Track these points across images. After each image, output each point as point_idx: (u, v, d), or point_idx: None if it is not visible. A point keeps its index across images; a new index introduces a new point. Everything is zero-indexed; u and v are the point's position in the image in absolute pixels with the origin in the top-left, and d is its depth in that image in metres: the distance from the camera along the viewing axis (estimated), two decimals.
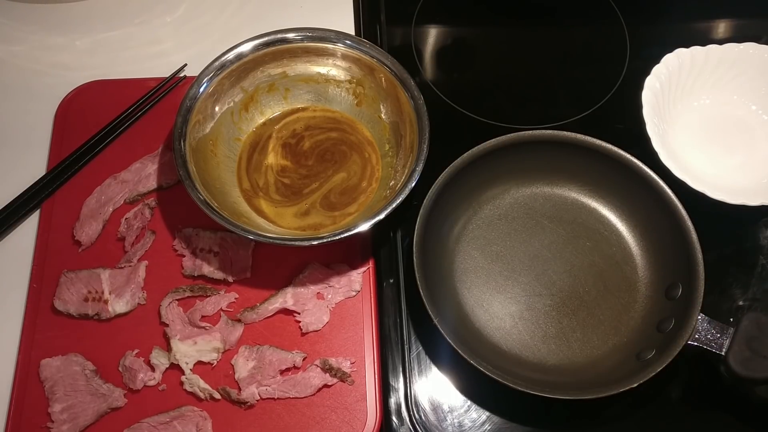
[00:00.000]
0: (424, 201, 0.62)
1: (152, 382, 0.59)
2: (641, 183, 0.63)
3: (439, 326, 0.57)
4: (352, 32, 0.77)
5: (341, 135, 0.70)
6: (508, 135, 0.65)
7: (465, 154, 0.63)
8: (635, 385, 0.55)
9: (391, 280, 0.65)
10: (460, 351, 0.56)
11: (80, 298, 0.62)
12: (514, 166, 0.67)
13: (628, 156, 0.64)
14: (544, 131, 0.66)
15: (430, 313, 0.57)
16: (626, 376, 0.56)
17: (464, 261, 0.65)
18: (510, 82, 0.78)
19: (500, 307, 0.63)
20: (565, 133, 0.65)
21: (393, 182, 0.65)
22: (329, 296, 0.63)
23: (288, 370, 0.60)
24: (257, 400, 0.59)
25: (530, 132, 0.65)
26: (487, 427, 0.59)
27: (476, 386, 0.61)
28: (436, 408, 0.60)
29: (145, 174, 0.68)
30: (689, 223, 0.61)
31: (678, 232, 0.61)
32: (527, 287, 0.64)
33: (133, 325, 0.62)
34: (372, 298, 0.63)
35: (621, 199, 0.66)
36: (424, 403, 0.60)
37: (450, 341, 0.56)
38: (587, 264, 0.65)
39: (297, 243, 0.60)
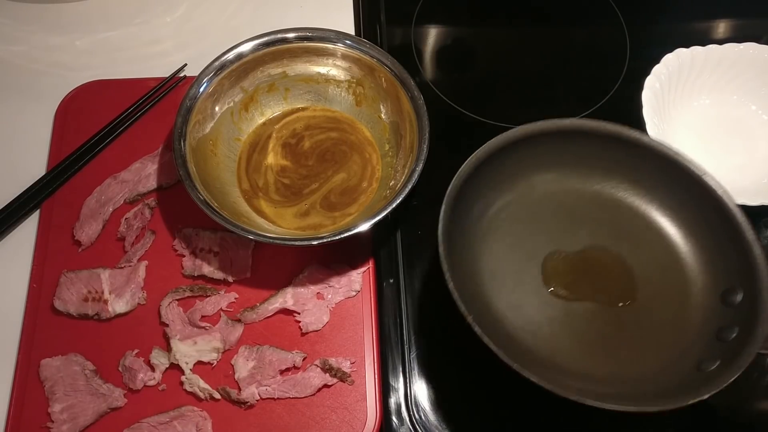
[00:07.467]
0: (449, 189, 0.56)
1: (152, 382, 0.59)
2: (687, 180, 0.58)
3: (473, 326, 0.50)
4: (352, 32, 0.77)
5: (341, 135, 0.70)
6: (541, 122, 0.59)
7: (491, 142, 0.58)
8: (705, 396, 0.49)
9: (391, 280, 0.65)
10: (500, 355, 0.49)
11: (80, 298, 0.62)
12: (546, 158, 0.61)
13: (671, 151, 0.58)
14: (583, 120, 0.60)
15: (463, 311, 0.50)
16: (689, 389, 0.50)
17: (492, 261, 0.59)
18: (510, 82, 0.78)
19: (535, 311, 0.58)
20: (604, 124, 0.59)
21: (393, 182, 0.65)
22: (329, 296, 0.63)
23: (288, 370, 0.60)
24: (257, 400, 0.59)
25: (567, 120, 0.59)
26: (487, 427, 0.60)
27: (476, 387, 0.61)
28: (436, 408, 0.60)
29: (145, 174, 0.68)
30: (744, 220, 0.55)
31: (731, 230, 0.55)
32: None
33: (133, 325, 0.62)
34: (372, 298, 0.63)
35: (664, 198, 0.61)
36: (424, 403, 0.60)
37: (489, 344, 0.49)
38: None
39: (297, 243, 0.60)
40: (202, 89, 0.65)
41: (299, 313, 0.62)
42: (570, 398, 0.49)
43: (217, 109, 0.67)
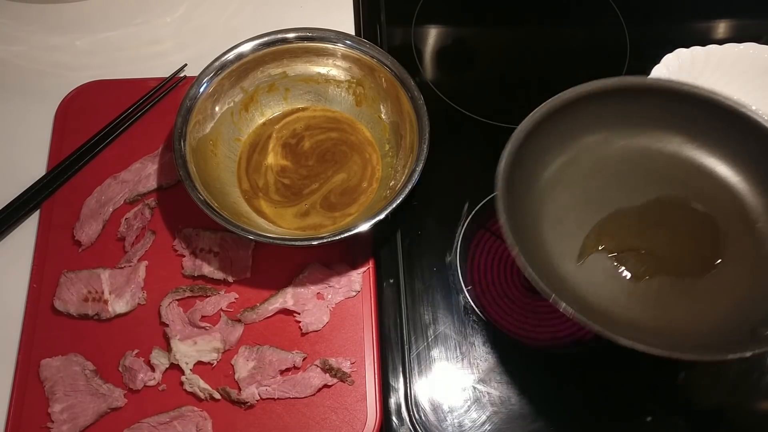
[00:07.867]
0: (517, 129, 0.55)
1: (152, 382, 0.59)
2: (757, 133, 0.57)
3: (521, 256, 0.50)
4: (352, 32, 0.77)
5: (341, 135, 0.70)
6: (618, 78, 0.59)
7: (565, 92, 0.57)
8: (748, 354, 0.47)
9: (391, 280, 0.65)
10: (543, 288, 0.49)
11: (80, 298, 0.62)
12: (622, 116, 0.60)
13: (753, 114, 0.58)
14: (661, 80, 0.59)
15: (510, 241, 0.50)
16: (736, 345, 0.49)
17: (556, 208, 0.58)
18: (510, 82, 0.78)
19: (593, 258, 0.57)
20: (684, 84, 0.58)
21: (393, 182, 0.65)
22: (329, 296, 0.63)
23: (288, 370, 0.60)
24: (257, 400, 0.59)
25: (644, 78, 0.59)
26: (487, 427, 0.59)
27: (476, 386, 0.61)
28: (436, 408, 0.60)
29: (145, 174, 0.68)
30: None
31: None
32: None
33: (133, 325, 0.62)
34: (372, 298, 0.63)
35: (744, 161, 0.59)
36: (424, 403, 0.60)
37: (533, 277, 0.49)
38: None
39: (297, 243, 0.60)
40: (202, 89, 0.65)
41: (299, 313, 0.62)
42: (621, 343, 0.48)
43: (217, 109, 0.67)
